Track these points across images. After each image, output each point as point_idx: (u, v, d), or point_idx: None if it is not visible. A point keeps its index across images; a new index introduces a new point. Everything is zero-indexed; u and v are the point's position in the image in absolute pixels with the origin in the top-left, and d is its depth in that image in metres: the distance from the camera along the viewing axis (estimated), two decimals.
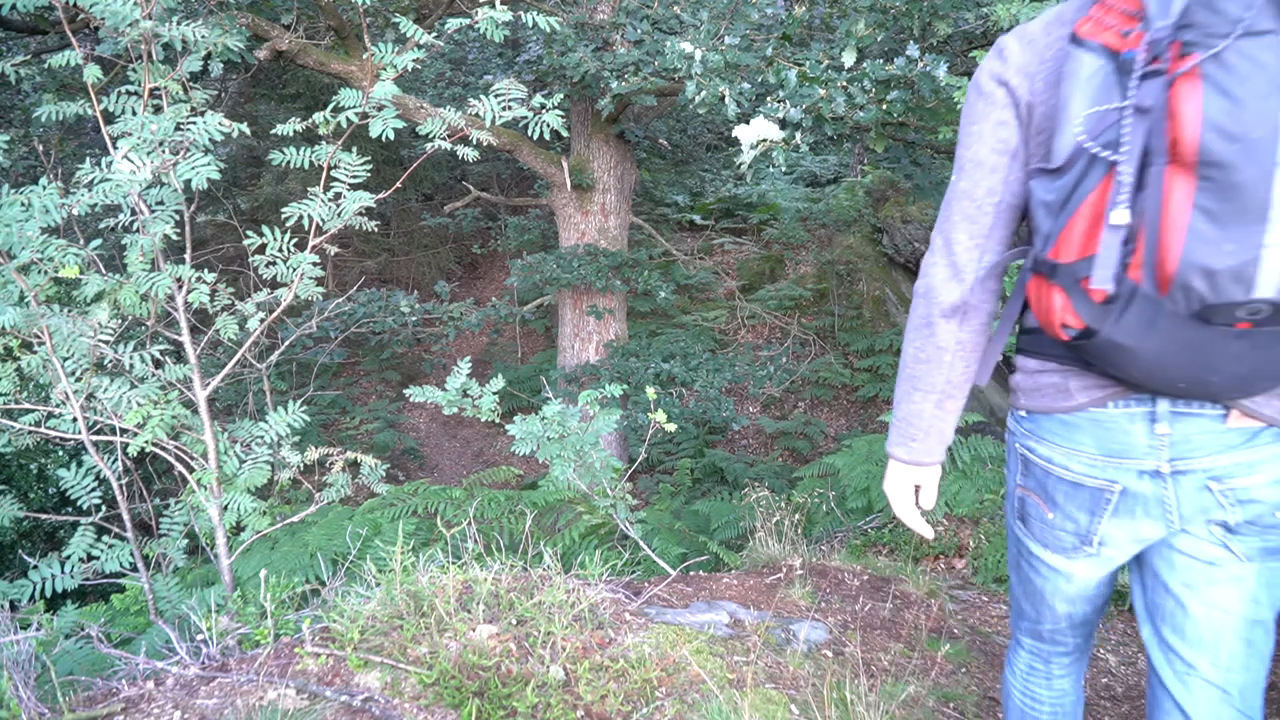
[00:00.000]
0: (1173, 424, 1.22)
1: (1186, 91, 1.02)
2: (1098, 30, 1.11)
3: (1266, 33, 0.98)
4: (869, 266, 11.40)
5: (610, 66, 5.96)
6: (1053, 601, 1.48)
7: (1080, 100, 1.11)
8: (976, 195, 1.29)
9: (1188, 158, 1.03)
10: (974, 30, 5.77)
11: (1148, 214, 1.07)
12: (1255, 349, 1.09)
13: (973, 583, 3.90)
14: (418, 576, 2.43)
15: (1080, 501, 1.32)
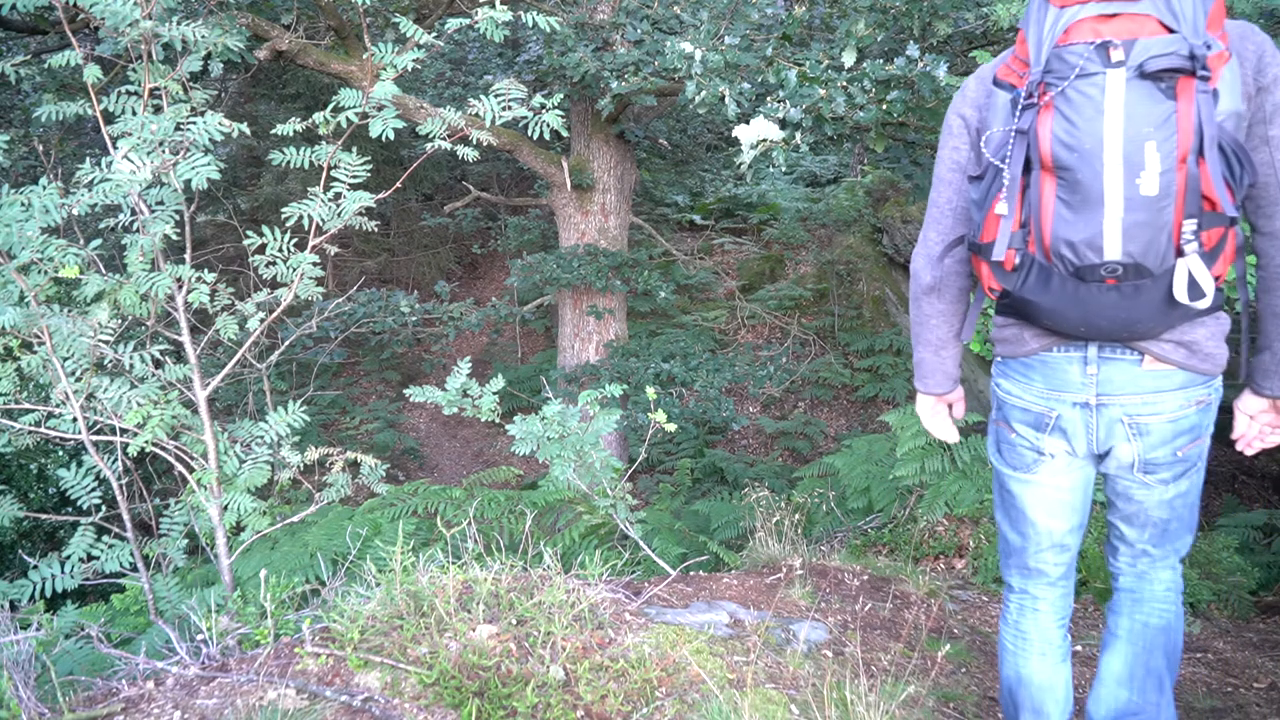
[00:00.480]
0: (1100, 366, 1.63)
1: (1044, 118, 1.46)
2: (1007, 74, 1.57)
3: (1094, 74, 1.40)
4: (869, 266, 11.40)
5: (610, 66, 5.95)
6: (1032, 515, 1.82)
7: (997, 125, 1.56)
8: (939, 203, 1.76)
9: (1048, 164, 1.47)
10: (974, 30, 5.77)
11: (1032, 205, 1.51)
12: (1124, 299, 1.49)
13: (973, 583, 3.90)
14: (418, 576, 2.43)
15: (1029, 422, 1.75)
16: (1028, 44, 1.52)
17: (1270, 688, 2.92)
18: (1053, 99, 1.44)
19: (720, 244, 13.23)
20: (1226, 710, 2.72)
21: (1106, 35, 1.41)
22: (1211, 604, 3.81)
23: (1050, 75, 1.45)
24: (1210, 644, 3.33)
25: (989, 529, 4.17)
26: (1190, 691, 2.85)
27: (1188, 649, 3.27)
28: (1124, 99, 1.39)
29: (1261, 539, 5.45)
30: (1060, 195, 1.47)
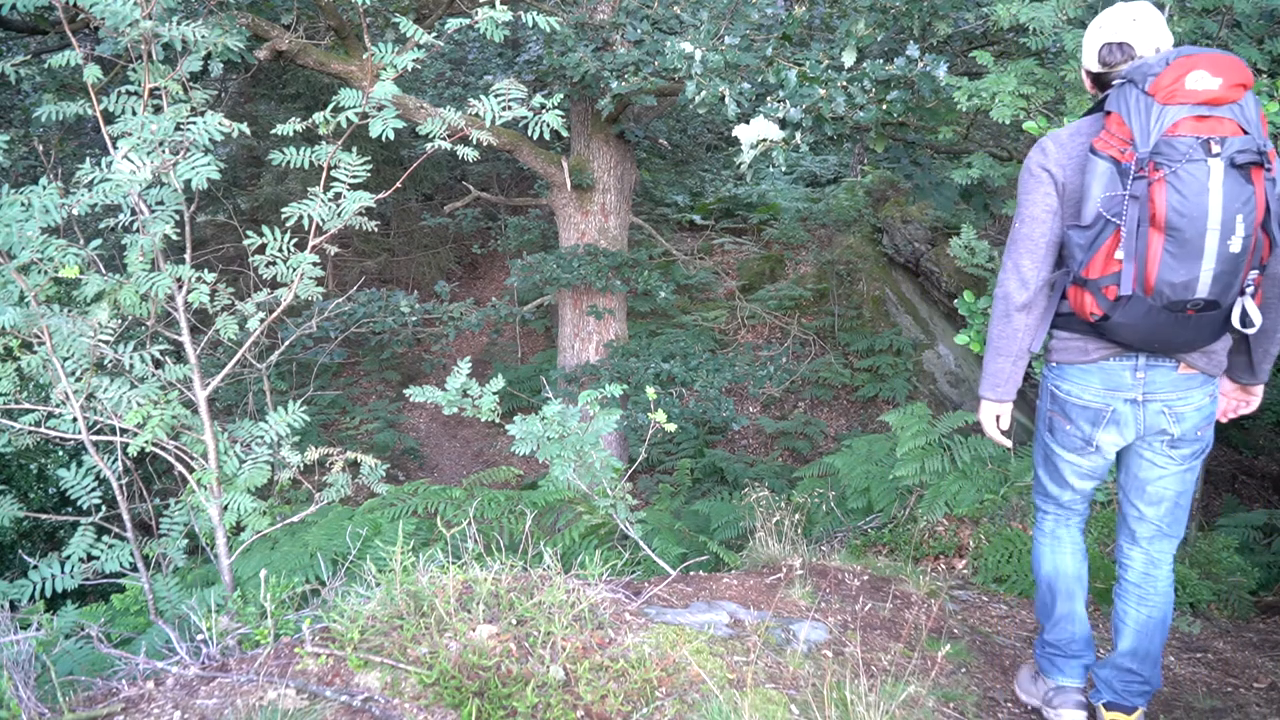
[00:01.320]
0: (1146, 371, 2.12)
1: (1159, 189, 1.88)
2: (1106, 147, 1.96)
3: (1198, 160, 1.84)
4: (869, 266, 11.40)
5: (610, 66, 5.95)
6: (1070, 480, 2.33)
7: (1098, 187, 1.97)
8: (1035, 237, 2.13)
9: (1160, 224, 1.89)
10: (974, 30, 5.77)
11: (1139, 253, 1.92)
12: (1194, 325, 1.98)
13: (973, 583, 3.90)
14: (418, 576, 2.43)
15: (1087, 417, 2.20)
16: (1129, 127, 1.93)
17: (1270, 688, 2.92)
18: (1165, 176, 1.87)
19: (720, 244, 13.22)
20: (1226, 710, 2.72)
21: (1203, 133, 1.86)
22: (1211, 604, 3.81)
23: (1160, 157, 1.88)
24: (1210, 644, 3.33)
25: (989, 529, 4.17)
26: (1190, 691, 2.85)
27: (1188, 649, 3.27)
28: (1223, 182, 1.85)
29: (1261, 539, 5.45)
30: (1168, 249, 1.90)
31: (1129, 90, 1.96)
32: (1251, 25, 4.25)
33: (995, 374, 2.25)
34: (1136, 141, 1.90)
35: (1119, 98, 1.98)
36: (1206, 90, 1.87)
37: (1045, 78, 4.09)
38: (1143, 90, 1.93)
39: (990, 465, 4.68)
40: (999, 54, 5.48)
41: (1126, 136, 1.93)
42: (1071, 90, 4.00)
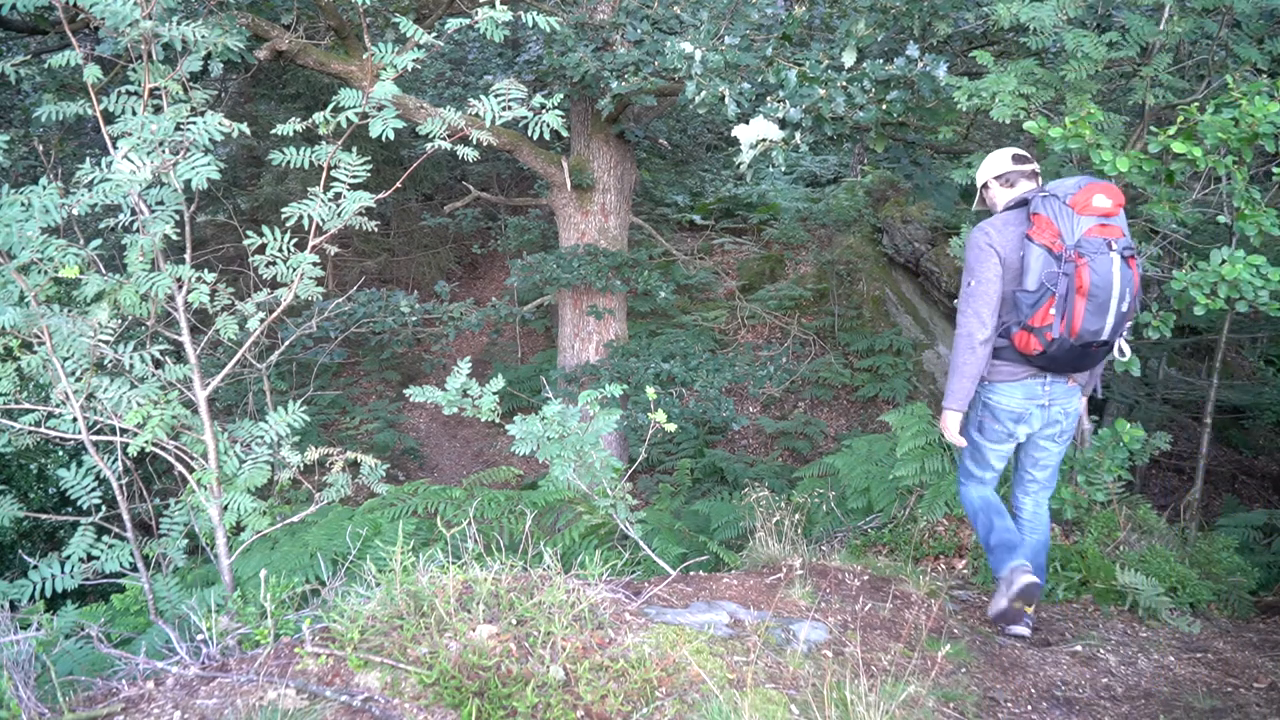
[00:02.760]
0: (1050, 386, 3.07)
1: (1083, 270, 2.79)
2: (1040, 238, 2.87)
3: (1104, 253, 2.77)
4: (869, 266, 11.40)
5: (610, 66, 5.95)
6: (992, 462, 3.27)
7: (1037, 265, 2.87)
8: (989, 294, 2.98)
9: (1084, 293, 2.79)
10: (974, 30, 5.77)
11: (1068, 311, 2.83)
12: (1094, 356, 2.94)
13: (973, 583, 3.90)
14: (418, 576, 2.43)
15: (1011, 418, 3.12)
16: (1057, 228, 2.86)
17: (1270, 688, 2.92)
18: (1087, 261, 2.80)
19: (720, 244, 13.22)
20: (1226, 710, 2.72)
21: (1105, 235, 2.83)
22: (1211, 604, 3.81)
23: (1080, 249, 2.82)
24: (1210, 644, 3.33)
25: None
26: (1190, 691, 2.85)
27: (1188, 649, 3.27)
28: (1117, 267, 2.81)
29: (1261, 539, 5.45)
30: (1088, 308, 2.82)
31: (1053, 202, 2.89)
32: (1251, 25, 4.25)
33: (961, 391, 3.07)
34: (1064, 238, 2.85)
35: (1045, 206, 2.90)
36: (1103, 208, 2.85)
37: (1045, 78, 4.09)
38: (1064, 203, 2.87)
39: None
40: (999, 54, 5.48)
41: (1055, 233, 2.86)
42: (1071, 90, 4.00)
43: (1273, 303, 3.62)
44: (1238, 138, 3.49)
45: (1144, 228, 4.38)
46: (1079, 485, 4.13)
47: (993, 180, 3.20)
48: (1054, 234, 2.84)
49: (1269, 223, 3.66)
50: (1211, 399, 5.21)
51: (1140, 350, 7.63)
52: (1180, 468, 8.42)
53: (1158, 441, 4.22)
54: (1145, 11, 4.13)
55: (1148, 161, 3.72)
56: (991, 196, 3.23)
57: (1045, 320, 2.86)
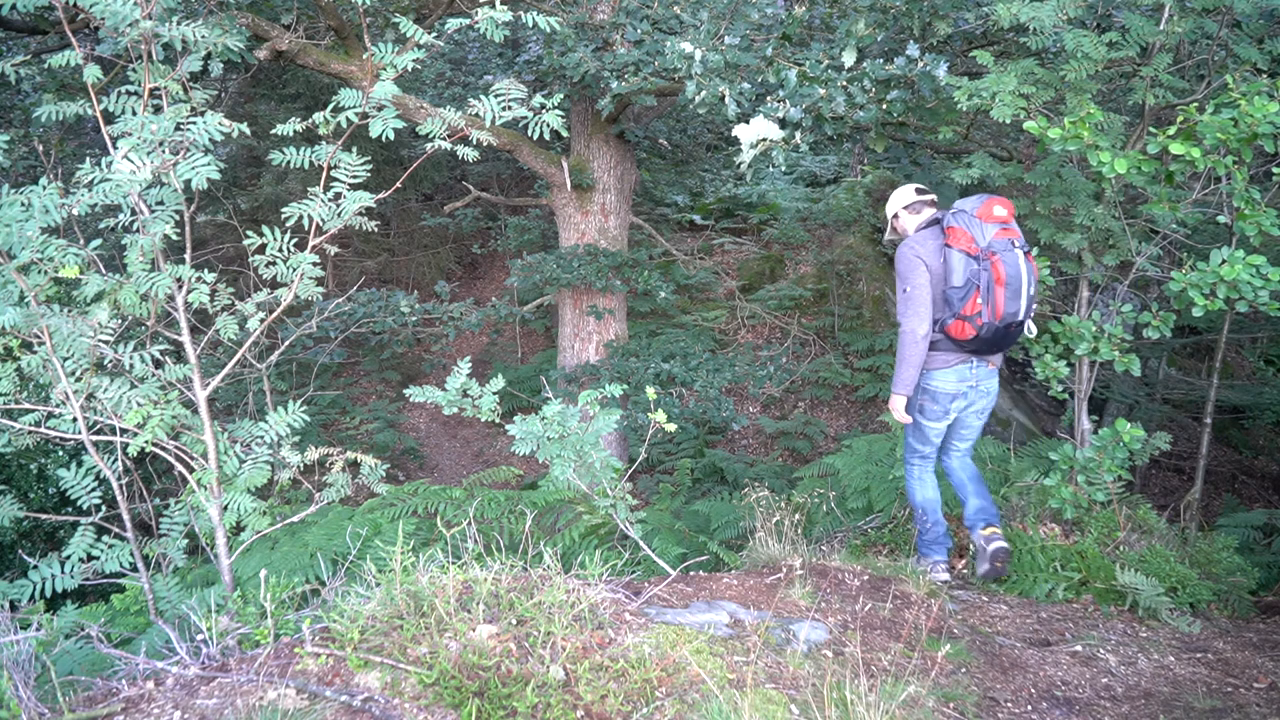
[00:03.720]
0: (976, 367, 3.65)
1: (997, 265, 3.44)
2: (957, 244, 3.50)
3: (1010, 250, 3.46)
4: (869, 266, 11.40)
5: (610, 66, 5.95)
6: (932, 439, 3.81)
7: (960, 267, 3.48)
8: (924, 297, 3.54)
9: (1001, 282, 3.44)
10: (974, 30, 5.76)
11: (991, 299, 3.45)
12: (1012, 335, 3.55)
13: (973, 583, 3.90)
14: (418, 576, 2.43)
15: (948, 399, 3.68)
16: (970, 235, 3.48)
17: (1270, 688, 2.91)
18: (998, 258, 3.44)
19: (720, 244, 13.22)
20: (1226, 710, 2.72)
21: (1007, 236, 3.48)
22: (1211, 604, 3.81)
23: (992, 248, 3.46)
24: (1210, 644, 3.33)
25: None
26: (1190, 691, 2.85)
27: (1188, 649, 3.27)
28: (1022, 260, 3.46)
29: (1261, 539, 5.45)
30: (1007, 295, 3.44)
31: (962, 215, 3.53)
32: (1251, 25, 4.25)
33: (908, 379, 3.60)
34: (978, 241, 3.48)
35: (956, 219, 3.53)
36: (1002, 216, 3.51)
37: (1045, 78, 4.09)
38: (971, 215, 3.52)
39: (990, 465, 4.68)
40: (999, 54, 5.48)
41: (970, 239, 3.49)
42: (1071, 90, 4.00)
43: (1273, 303, 3.62)
44: (1237, 138, 3.49)
45: (1144, 228, 4.38)
46: (1079, 485, 4.13)
47: (902, 210, 3.83)
48: (969, 240, 3.48)
49: (1268, 223, 3.66)
50: (1211, 399, 5.21)
51: (1140, 350, 7.64)
52: (1180, 468, 8.42)
53: (1158, 441, 4.22)
54: (1145, 11, 4.13)
55: (1146, 162, 3.72)
56: (901, 225, 3.86)
57: (974, 309, 3.47)
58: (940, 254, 3.55)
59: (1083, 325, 4.14)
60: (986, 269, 3.44)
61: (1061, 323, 4.22)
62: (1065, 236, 4.30)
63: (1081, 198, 4.20)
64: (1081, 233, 4.27)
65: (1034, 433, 9.06)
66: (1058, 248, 4.44)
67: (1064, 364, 4.21)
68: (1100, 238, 4.33)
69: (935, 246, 3.57)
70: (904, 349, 3.56)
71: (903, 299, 3.56)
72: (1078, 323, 4.16)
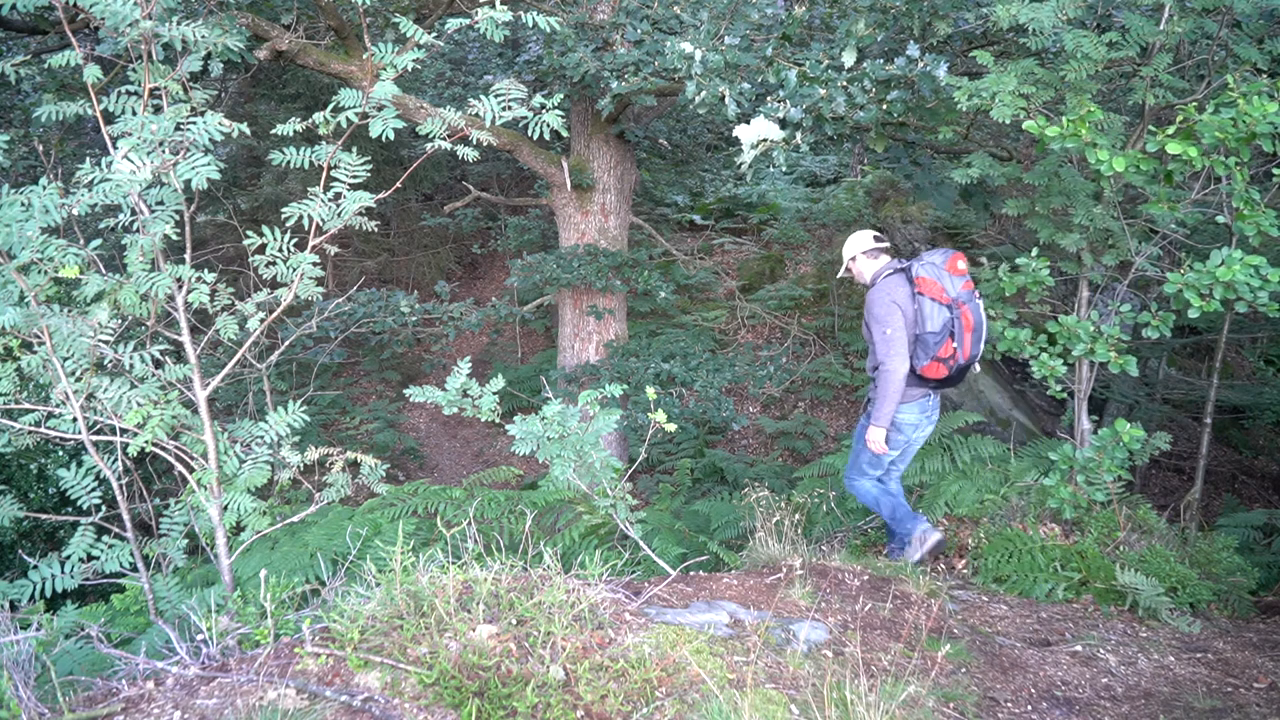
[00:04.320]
0: (932, 400, 4.03)
1: (967, 312, 3.83)
2: (929, 293, 3.81)
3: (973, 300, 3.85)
4: None
5: (610, 66, 5.95)
6: (885, 463, 4.07)
7: (935, 315, 3.79)
8: (902, 340, 3.81)
9: (970, 328, 3.84)
10: (974, 30, 5.76)
11: (962, 343, 3.82)
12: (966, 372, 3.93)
13: (973, 583, 3.90)
14: (418, 576, 2.43)
15: (910, 429, 4.00)
16: (941, 285, 3.80)
17: (1270, 688, 2.92)
18: (967, 307, 3.80)
19: (720, 244, 13.22)
20: (1226, 710, 2.72)
21: (969, 287, 3.84)
22: (1211, 604, 3.81)
23: (961, 298, 3.80)
24: (1210, 644, 3.33)
25: (989, 529, 4.17)
26: (1190, 691, 2.85)
27: (1188, 649, 3.27)
28: (980, 308, 3.87)
29: (1261, 539, 5.45)
30: (972, 339, 3.82)
31: (931, 267, 3.84)
32: (1251, 25, 4.25)
33: (889, 413, 3.86)
34: (949, 292, 3.80)
35: (926, 270, 3.83)
36: (964, 269, 3.87)
37: (1045, 78, 4.09)
38: (940, 268, 3.84)
39: (990, 465, 4.68)
40: (999, 54, 5.48)
41: (940, 289, 3.79)
42: (1071, 90, 4.00)
43: (1272, 303, 3.62)
44: (1236, 138, 3.49)
45: (1144, 228, 4.38)
46: (1079, 485, 4.13)
47: (860, 255, 4.07)
48: (939, 289, 3.79)
49: (1267, 223, 3.66)
50: (1211, 399, 5.21)
51: (1140, 350, 7.64)
52: (1180, 468, 8.42)
53: (1158, 441, 4.22)
54: (1145, 11, 4.13)
55: (1145, 161, 3.72)
56: (858, 268, 4.10)
57: (949, 352, 3.80)
58: (912, 300, 3.82)
59: (1080, 325, 4.14)
60: (958, 316, 3.78)
61: (1059, 323, 4.21)
62: (1064, 236, 4.30)
63: (1081, 197, 4.20)
64: (1081, 233, 4.27)
65: (1034, 433, 9.06)
66: (1057, 248, 4.44)
67: (1061, 363, 4.21)
68: (1099, 238, 4.33)
69: (906, 293, 3.84)
70: (888, 387, 3.79)
71: (883, 340, 3.80)
72: (1075, 323, 4.16)
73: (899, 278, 3.89)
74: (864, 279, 4.08)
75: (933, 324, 3.75)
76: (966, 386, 10.08)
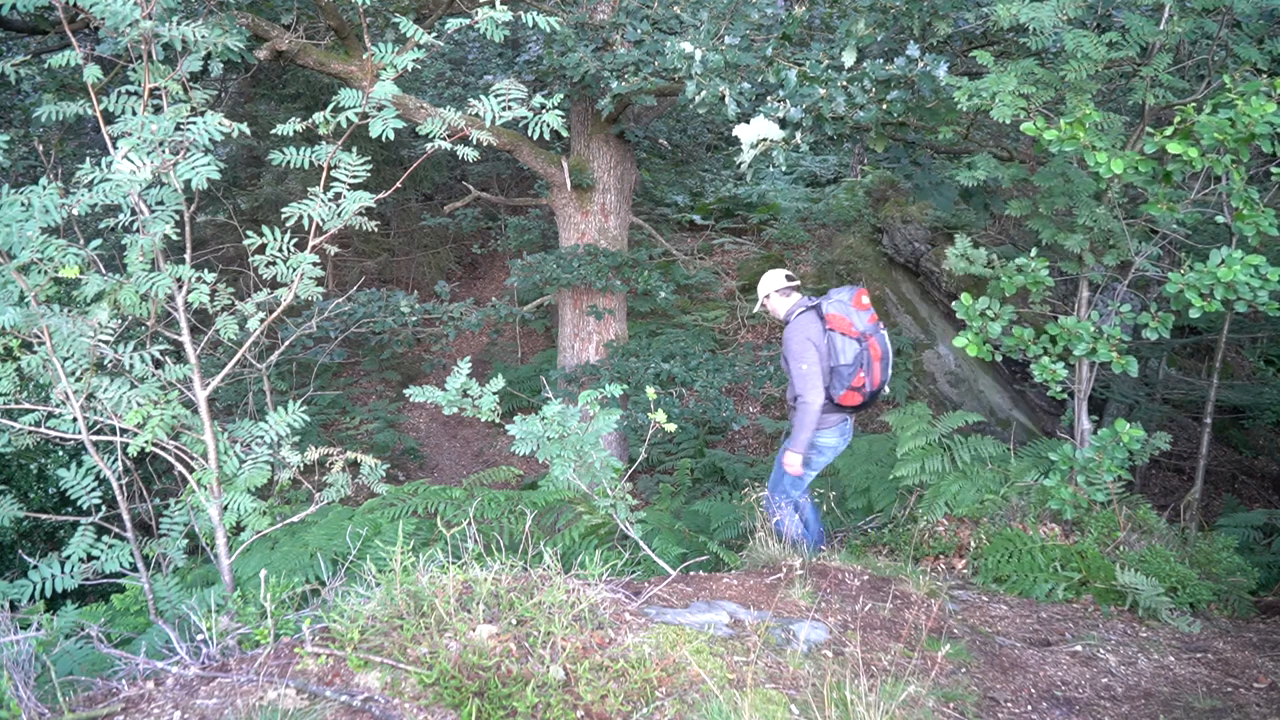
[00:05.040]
0: (848, 424, 4.37)
1: (874, 344, 4.17)
2: (839, 328, 4.13)
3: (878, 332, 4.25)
4: (869, 266, 11.39)
5: (610, 66, 5.95)
6: (803, 484, 4.36)
7: (848, 349, 4.12)
8: (818, 374, 4.12)
9: (878, 358, 4.18)
10: (974, 30, 5.76)
11: (871, 372, 4.16)
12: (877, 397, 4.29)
13: (973, 583, 3.90)
14: (418, 576, 2.43)
15: (830, 452, 4.36)
16: (850, 321, 4.09)
17: (1270, 688, 2.92)
18: (874, 339, 4.14)
19: (720, 244, 13.22)
20: (1226, 710, 2.72)
21: (873, 321, 4.18)
22: (1211, 604, 3.81)
23: (868, 331, 4.12)
24: (1210, 644, 3.33)
25: (989, 529, 4.17)
26: (1190, 691, 2.85)
27: (1188, 649, 3.27)
28: (885, 338, 4.22)
29: (1261, 539, 5.45)
30: (880, 366, 4.16)
31: (840, 305, 4.15)
32: (1251, 25, 4.25)
33: (805, 440, 4.15)
34: (857, 326, 4.11)
35: (835, 308, 4.15)
36: (868, 304, 4.19)
37: (1045, 78, 4.09)
38: (848, 305, 4.15)
39: (990, 465, 4.68)
40: (999, 54, 5.48)
41: (849, 324, 4.10)
42: (1071, 90, 4.00)
43: (1272, 303, 3.62)
44: (1234, 138, 3.49)
45: (1144, 228, 4.38)
46: (1079, 485, 4.13)
47: (774, 294, 4.38)
48: (848, 325, 4.11)
49: (1267, 223, 3.66)
50: (1211, 399, 5.21)
51: (1140, 350, 7.64)
52: (1180, 468, 8.42)
53: (1158, 441, 4.22)
54: (1145, 11, 4.13)
55: (1144, 162, 3.72)
56: (772, 305, 4.42)
57: (861, 381, 4.13)
58: (824, 336, 4.14)
59: (1081, 326, 4.14)
60: (866, 348, 4.11)
61: (1059, 323, 4.21)
62: (1067, 237, 4.29)
63: (1083, 198, 4.20)
64: (1083, 233, 4.27)
65: (1034, 433, 9.06)
66: (1057, 248, 4.44)
67: (1062, 365, 4.21)
68: (1101, 238, 4.33)
69: (818, 330, 4.15)
70: (805, 418, 4.10)
71: (800, 376, 4.10)
72: (1075, 323, 4.16)
73: (811, 315, 4.19)
74: (779, 315, 4.38)
75: (845, 357, 4.08)
76: (967, 386, 10.09)
